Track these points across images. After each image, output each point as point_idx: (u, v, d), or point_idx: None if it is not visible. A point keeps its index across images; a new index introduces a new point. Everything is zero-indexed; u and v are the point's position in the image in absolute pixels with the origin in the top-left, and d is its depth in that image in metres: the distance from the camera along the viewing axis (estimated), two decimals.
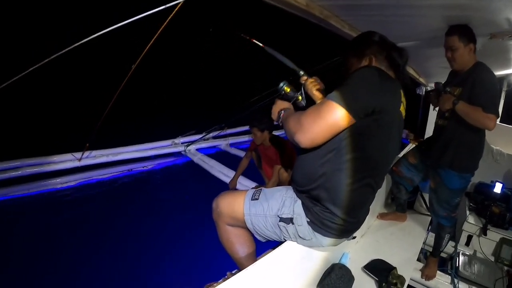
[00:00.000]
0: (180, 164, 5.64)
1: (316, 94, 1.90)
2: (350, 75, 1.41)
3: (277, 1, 2.00)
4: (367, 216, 1.83)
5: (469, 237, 3.57)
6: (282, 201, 1.64)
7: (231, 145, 6.47)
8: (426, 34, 3.10)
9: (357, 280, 1.96)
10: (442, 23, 2.70)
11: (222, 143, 6.38)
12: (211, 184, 4.49)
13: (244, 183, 4.16)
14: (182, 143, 5.78)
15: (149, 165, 5.33)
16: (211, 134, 6.22)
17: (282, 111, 1.67)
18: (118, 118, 5.83)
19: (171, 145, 5.71)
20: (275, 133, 3.87)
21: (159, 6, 2.00)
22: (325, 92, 1.90)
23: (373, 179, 1.51)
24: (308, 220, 1.55)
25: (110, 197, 4.31)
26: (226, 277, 2.03)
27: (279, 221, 1.61)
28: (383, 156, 1.50)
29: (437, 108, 2.77)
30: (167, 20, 2.49)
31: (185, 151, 5.59)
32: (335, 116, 1.30)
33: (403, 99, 1.52)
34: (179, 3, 2.00)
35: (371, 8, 2.38)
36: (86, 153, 4.57)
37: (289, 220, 1.58)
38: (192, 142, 5.75)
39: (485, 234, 3.43)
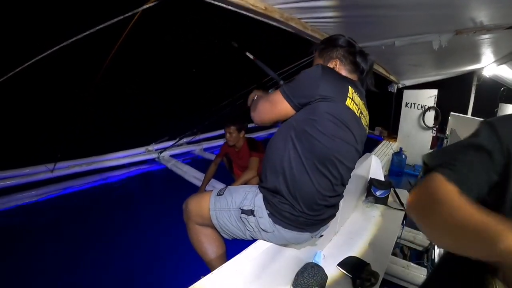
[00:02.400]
0: (155, 171, 5.53)
1: None
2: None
3: (236, 6, 2.07)
4: (339, 213, 1.84)
5: None
6: (245, 194, 1.72)
7: (205, 149, 6.42)
8: (391, 33, 3.15)
9: (331, 278, 1.94)
10: (407, 22, 2.75)
11: (196, 148, 6.33)
12: (185, 190, 4.42)
13: (218, 186, 4.13)
14: (155, 150, 5.70)
15: (123, 173, 5.21)
16: (184, 140, 6.15)
17: (255, 97, 1.87)
18: (90, 127, 5.72)
19: (145, 152, 5.62)
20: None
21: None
22: None
23: (326, 169, 1.57)
24: (268, 212, 1.61)
25: (85, 208, 4.16)
26: (199, 280, 2.00)
27: (241, 213, 1.66)
28: (332, 145, 1.54)
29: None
30: (129, 26, 2.44)
31: (158, 157, 5.50)
32: (278, 102, 1.58)
33: (354, 97, 1.60)
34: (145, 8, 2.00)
35: (334, 9, 2.40)
36: (59, 164, 4.45)
37: (250, 212, 1.65)
38: (166, 149, 5.67)
39: None
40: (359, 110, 1.64)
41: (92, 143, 5.63)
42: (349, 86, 1.57)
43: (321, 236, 1.87)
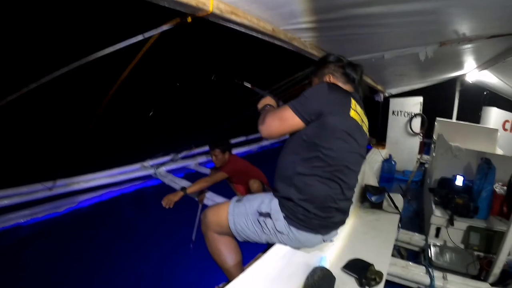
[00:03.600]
0: (151, 187, 5.59)
1: None
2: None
3: (248, 28, 2.27)
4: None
5: (438, 229, 3.74)
6: (262, 199, 1.86)
7: (201, 164, 6.49)
8: (381, 48, 3.33)
9: (338, 279, 2.04)
10: (394, 38, 2.93)
11: (191, 163, 6.39)
12: (184, 205, 4.46)
13: (217, 200, 4.19)
14: (151, 165, 5.74)
15: (117, 190, 5.24)
16: (179, 155, 6.22)
17: (267, 106, 2.00)
18: (85, 145, 5.74)
19: (140, 168, 5.66)
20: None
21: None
22: None
23: (335, 176, 1.72)
24: (284, 215, 1.74)
25: (84, 226, 4.18)
26: None
27: (259, 215, 1.80)
28: (340, 155, 1.70)
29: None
30: (142, 51, 2.52)
31: (155, 173, 5.54)
32: (287, 117, 1.70)
33: (356, 107, 1.76)
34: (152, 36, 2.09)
35: (329, 29, 2.60)
36: (58, 182, 4.49)
37: (267, 215, 1.78)
38: (162, 164, 5.75)
39: (452, 225, 3.60)
40: (361, 119, 1.80)
41: (88, 161, 5.64)
42: (351, 98, 1.74)
43: (331, 241, 2.00)
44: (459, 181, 3.96)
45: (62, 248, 3.65)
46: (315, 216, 1.72)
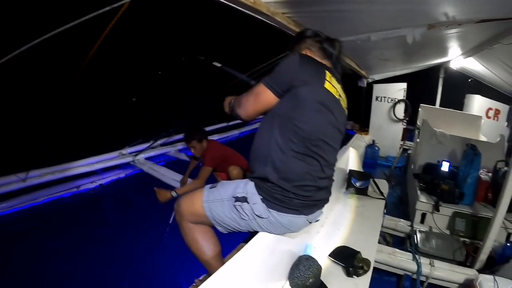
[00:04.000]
0: (130, 176, 5.39)
1: None
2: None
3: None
4: (325, 205, 1.86)
5: (423, 215, 3.71)
6: (236, 184, 1.74)
7: (180, 150, 6.30)
8: (368, 28, 3.21)
9: (325, 268, 1.94)
10: (382, 17, 2.81)
11: (171, 150, 6.20)
12: None
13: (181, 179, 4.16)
14: (129, 153, 5.53)
15: (97, 180, 5.03)
16: (158, 142, 6.05)
17: (232, 101, 1.88)
18: (60, 132, 5.50)
19: (119, 156, 5.44)
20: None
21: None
22: None
23: (313, 152, 1.62)
24: (261, 197, 1.62)
25: (60, 220, 3.98)
26: (194, 284, 1.97)
27: (235, 201, 1.67)
28: (316, 128, 1.60)
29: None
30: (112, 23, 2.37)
31: (133, 161, 5.36)
32: (260, 91, 1.66)
33: (332, 80, 1.68)
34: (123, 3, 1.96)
35: (315, 3, 2.45)
36: (31, 173, 4.24)
37: (244, 199, 1.66)
38: (140, 152, 5.55)
39: (438, 211, 3.57)
40: (338, 93, 1.73)
41: (63, 149, 5.42)
42: (326, 70, 1.67)
43: (317, 220, 1.89)
44: (445, 167, 3.92)
45: (39, 240, 3.48)
46: (294, 196, 1.62)
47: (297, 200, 1.63)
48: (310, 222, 1.81)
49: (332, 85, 1.67)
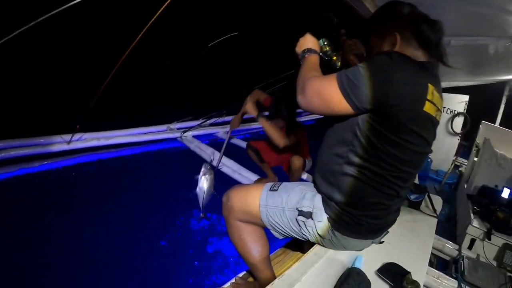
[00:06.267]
0: (175, 150, 5.42)
1: (352, 59, 1.80)
2: (365, 60, 1.27)
3: None
4: None
5: (472, 241, 3.52)
6: (303, 194, 1.53)
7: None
8: (448, 31, 2.99)
9: (373, 285, 1.84)
10: (468, 21, 2.59)
11: (220, 131, 6.12)
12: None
13: (246, 174, 4.00)
14: (177, 128, 5.55)
15: (142, 150, 5.10)
16: (209, 121, 6.01)
17: (307, 52, 1.59)
18: (111, 100, 5.60)
19: (167, 130, 5.47)
20: None
21: None
22: (364, 58, 1.77)
23: (391, 181, 1.38)
24: (328, 216, 1.45)
25: (100, 179, 4.08)
26: (233, 281, 1.90)
27: (298, 215, 1.50)
28: (403, 158, 1.35)
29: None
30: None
31: (181, 137, 5.35)
32: (333, 98, 1.29)
33: (433, 95, 1.30)
34: None
35: None
36: (76, 136, 4.28)
37: (309, 215, 1.48)
38: (189, 129, 5.53)
39: (489, 239, 3.37)
40: (436, 108, 1.36)
41: (111, 117, 5.51)
42: (429, 84, 1.28)
43: (382, 242, 1.76)
44: (506, 193, 3.69)
45: (74, 198, 3.60)
46: (364, 222, 1.46)
47: (367, 226, 1.49)
48: (374, 243, 1.69)
49: (433, 103, 1.31)
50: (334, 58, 1.83)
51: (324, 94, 1.32)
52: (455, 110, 6.53)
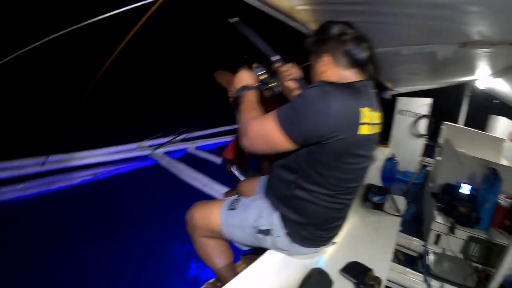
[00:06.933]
0: (147, 168, 5.42)
1: (289, 85, 1.82)
2: (298, 95, 1.35)
3: (263, 2, 2.02)
4: None
5: (438, 236, 3.65)
6: (260, 211, 1.61)
7: (198, 147, 6.33)
8: (397, 42, 3.16)
9: (336, 283, 1.92)
10: (416, 32, 2.76)
11: (190, 146, 6.22)
12: (179, 189, 4.39)
13: (216, 187, 4.07)
14: (149, 146, 5.60)
15: (112, 169, 5.08)
16: (179, 137, 6.07)
17: (244, 90, 1.59)
18: (82, 121, 5.58)
19: (138, 148, 5.50)
20: None
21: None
22: (302, 81, 1.83)
23: (340, 198, 1.50)
24: (286, 231, 1.54)
25: (75, 206, 4.04)
26: (205, 286, 1.98)
27: (257, 232, 1.59)
28: (346, 177, 1.45)
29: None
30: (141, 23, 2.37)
31: (152, 154, 5.39)
32: (274, 137, 1.31)
33: (370, 116, 1.36)
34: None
35: (350, 14, 2.39)
36: (50, 158, 4.33)
37: (267, 232, 1.57)
38: (160, 145, 5.59)
39: (453, 233, 3.50)
40: (372, 128, 1.41)
41: (82, 137, 5.50)
42: (362, 109, 1.33)
43: (334, 243, 1.87)
44: (465, 189, 3.85)
45: (51, 225, 3.53)
46: (321, 235, 1.60)
47: (323, 237, 1.62)
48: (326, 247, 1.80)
49: (369, 124, 1.36)
50: (273, 84, 1.82)
51: (266, 135, 1.33)
52: (419, 113, 6.74)
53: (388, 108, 7.23)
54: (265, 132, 1.33)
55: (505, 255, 2.67)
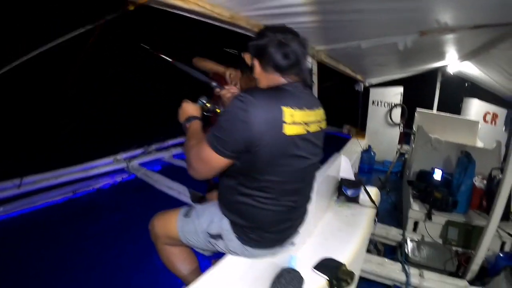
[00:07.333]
0: (124, 182, 5.31)
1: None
2: (222, 112, 1.46)
3: (201, 15, 2.05)
4: (312, 216, 1.84)
5: (416, 224, 3.69)
6: (211, 218, 1.65)
7: (175, 156, 6.29)
8: (357, 36, 3.19)
9: (308, 281, 1.92)
10: (372, 26, 2.79)
11: (165, 155, 6.18)
12: (157, 200, 4.35)
13: (174, 186, 4.24)
14: (124, 158, 5.53)
15: (92, 186, 4.99)
16: (153, 147, 6.06)
17: (188, 121, 1.67)
18: (53, 138, 5.48)
19: (113, 162, 5.43)
20: None
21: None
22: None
23: (282, 201, 1.50)
24: (236, 235, 1.57)
25: (54, 225, 3.95)
26: None
27: (209, 237, 1.63)
28: (283, 180, 1.46)
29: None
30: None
31: (127, 167, 5.34)
32: (209, 157, 1.35)
33: (293, 115, 1.36)
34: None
35: (300, 15, 2.40)
36: (25, 179, 4.24)
37: (219, 237, 1.61)
38: (135, 157, 5.56)
39: (430, 219, 3.55)
40: (304, 127, 1.44)
41: (58, 154, 5.40)
42: (285, 109, 1.34)
43: (293, 244, 1.88)
44: (438, 175, 3.91)
45: (32, 247, 3.46)
46: (272, 237, 1.60)
47: (274, 238, 1.62)
48: (284, 247, 1.79)
49: (295, 123, 1.38)
50: (218, 110, 1.90)
51: (204, 158, 1.37)
52: (392, 102, 6.82)
53: (362, 100, 7.31)
54: (202, 156, 1.38)
55: (484, 235, 2.72)
